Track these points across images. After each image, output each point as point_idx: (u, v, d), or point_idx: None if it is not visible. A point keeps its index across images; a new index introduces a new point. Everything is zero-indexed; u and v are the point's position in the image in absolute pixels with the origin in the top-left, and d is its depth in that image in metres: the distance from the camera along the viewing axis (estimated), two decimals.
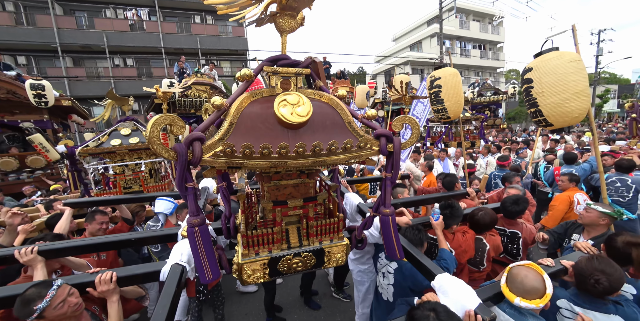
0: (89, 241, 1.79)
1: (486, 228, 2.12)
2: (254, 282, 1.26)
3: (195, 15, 18.72)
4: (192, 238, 1.03)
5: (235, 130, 1.02)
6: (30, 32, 14.64)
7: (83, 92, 15.40)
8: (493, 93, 13.32)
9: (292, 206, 1.31)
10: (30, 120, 6.61)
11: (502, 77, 28.26)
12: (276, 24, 1.19)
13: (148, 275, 1.39)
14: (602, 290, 1.34)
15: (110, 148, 3.21)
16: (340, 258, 1.39)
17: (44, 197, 4.63)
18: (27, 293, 1.19)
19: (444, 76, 3.04)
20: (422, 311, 1.07)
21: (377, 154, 1.19)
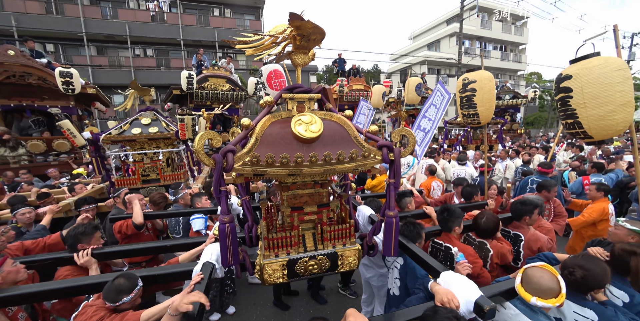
0: (130, 247, 2.07)
1: (489, 233, 2.14)
2: (274, 282, 1.43)
3: (214, 7, 18.93)
4: (222, 233, 1.22)
5: (259, 144, 1.26)
6: (58, 21, 15.28)
7: (105, 80, 15.98)
8: (512, 97, 12.91)
9: (308, 211, 1.50)
10: (58, 106, 6.99)
11: (523, 80, 27.22)
12: (292, 60, 1.47)
13: (182, 274, 1.56)
14: (573, 281, 1.40)
15: (131, 136, 3.40)
16: (353, 262, 1.55)
17: (69, 180, 4.94)
18: (120, 283, 1.38)
19: (480, 80, 2.89)
20: (447, 313, 1.14)
21: (380, 162, 1.38)
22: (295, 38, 1.38)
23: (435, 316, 1.15)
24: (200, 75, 9.12)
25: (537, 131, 23.61)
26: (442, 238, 2.07)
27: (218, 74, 9.25)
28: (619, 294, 1.54)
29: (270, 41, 1.36)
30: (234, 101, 9.71)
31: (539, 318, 1.30)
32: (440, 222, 2.11)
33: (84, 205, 2.77)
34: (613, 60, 1.82)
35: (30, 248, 2.17)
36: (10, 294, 1.39)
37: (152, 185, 3.59)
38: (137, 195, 2.57)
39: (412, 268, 1.73)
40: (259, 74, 5.48)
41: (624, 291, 1.54)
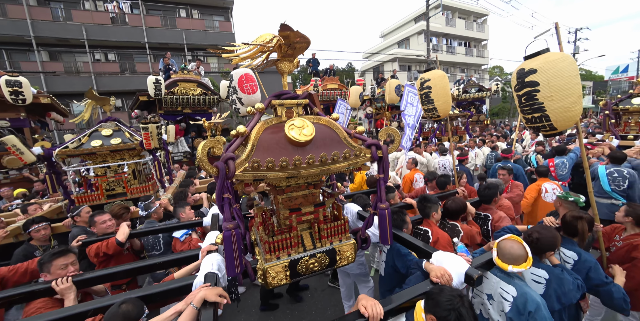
0: (117, 269, 1.84)
1: (456, 214, 2.36)
2: (278, 284, 1.46)
3: (181, 8, 18.14)
4: (227, 240, 1.23)
5: (256, 150, 1.30)
6: (1, 23, 13.83)
7: (62, 88, 14.77)
8: (477, 90, 13.71)
9: (305, 211, 1.56)
10: (6, 119, 6.34)
11: (487, 73, 28.96)
12: (278, 67, 1.52)
13: (181, 289, 1.50)
14: (529, 241, 1.66)
15: (91, 149, 3.17)
16: (350, 256, 1.63)
17: (24, 201, 4.52)
18: (128, 309, 1.26)
19: (433, 78, 3.20)
20: (451, 291, 1.25)
21: (369, 160, 1.48)
22: (281, 47, 1.43)
23: (441, 294, 1.25)
24: (169, 79, 8.72)
25: (505, 121, 25.27)
26: (424, 224, 2.26)
27: (188, 78, 8.90)
28: (569, 254, 1.83)
29: (256, 50, 1.40)
30: (207, 105, 9.39)
31: (515, 281, 1.52)
32: (420, 210, 2.29)
33: (32, 226, 2.51)
34: (567, 55, 1.90)
35: (6, 277, 1.88)
36: None
37: (118, 200, 3.37)
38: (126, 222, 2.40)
39: (397, 249, 1.89)
40: (230, 78, 5.36)
41: (573, 252, 1.83)
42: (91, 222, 2.41)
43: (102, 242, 2.22)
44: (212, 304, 1.25)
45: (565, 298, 1.60)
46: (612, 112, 5.74)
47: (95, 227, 2.39)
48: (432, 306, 1.23)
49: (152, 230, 2.49)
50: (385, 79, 13.00)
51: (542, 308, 1.41)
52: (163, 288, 1.50)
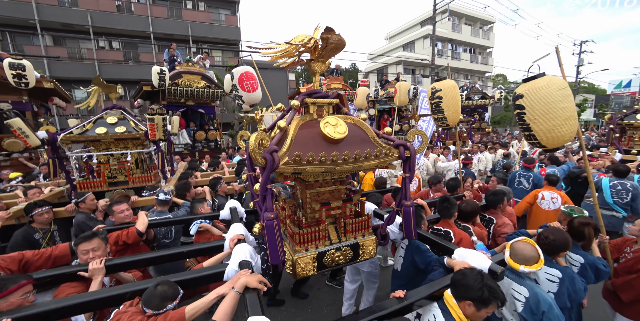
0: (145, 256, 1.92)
1: (469, 216, 2.46)
2: (305, 274, 1.54)
3: (187, 0, 18.04)
4: (270, 229, 1.30)
5: (294, 144, 1.39)
6: (5, 5, 13.67)
7: (64, 74, 14.66)
8: (480, 97, 13.79)
9: (334, 206, 1.64)
10: (8, 101, 6.31)
11: (490, 81, 29.13)
12: (311, 67, 1.60)
13: (214, 276, 1.56)
14: (545, 245, 1.77)
15: (95, 136, 3.19)
16: (372, 251, 1.73)
17: (23, 182, 4.52)
18: (164, 290, 1.34)
19: (445, 88, 3.32)
20: (472, 272, 1.36)
21: (397, 159, 1.56)
22: (316, 48, 1.49)
23: (465, 278, 1.33)
24: (174, 71, 8.69)
25: (503, 129, 25.46)
26: (441, 224, 2.34)
27: (192, 70, 8.87)
28: (575, 258, 1.96)
29: (293, 49, 1.47)
30: (210, 99, 9.38)
31: (526, 282, 1.60)
32: (441, 210, 2.37)
33: (35, 209, 2.51)
34: (555, 80, 2.06)
35: (31, 260, 1.90)
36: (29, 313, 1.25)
37: (119, 188, 3.40)
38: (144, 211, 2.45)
39: (417, 246, 1.97)
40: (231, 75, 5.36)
41: (579, 255, 1.96)
42: (109, 211, 2.45)
43: (122, 231, 2.23)
44: (253, 290, 1.31)
45: (576, 296, 1.71)
46: (616, 126, 5.87)
47: (114, 216, 2.43)
48: (463, 292, 1.31)
49: (168, 222, 2.57)
50: (390, 81, 13.04)
51: (554, 307, 1.49)
52: (196, 275, 1.54)
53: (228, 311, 1.24)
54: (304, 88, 6.43)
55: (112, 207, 2.46)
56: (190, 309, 1.29)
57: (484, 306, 1.27)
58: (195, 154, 9.06)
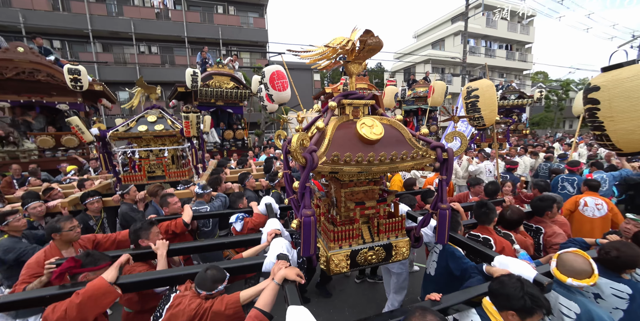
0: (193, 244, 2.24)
1: (513, 224, 2.32)
2: (339, 271, 1.58)
3: (218, 5, 18.94)
4: (307, 225, 1.36)
5: (331, 145, 1.42)
6: (65, 18, 15.39)
7: (110, 77, 16.13)
8: (517, 97, 12.81)
9: (368, 205, 1.66)
10: (66, 102, 7.11)
11: (528, 79, 26.95)
12: (347, 69, 1.63)
13: (253, 266, 1.69)
14: (608, 260, 1.60)
15: (138, 133, 3.48)
16: (406, 252, 1.73)
17: (77, 175, 5.07)
18: (214, 273, 1.51)
19: (481, 87, 3.24)
20: (510, 279, 1.28)
21: (434, 161, 1.53)
22: (353, 50, 1.52)
23: (503, 286, 1.27)
24: (205, 72, 9.18)
25: (543, 131, 23.40)
26: (479, 230, 2.22)
27: (222, 71, 9.31)
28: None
29: (331, 52, 1.52)
30: (238, 99, 9.77)
31: (576, 297, 1.45)
32: (480, 216, 2.25)
33: (88, 198, 2.87)
34: None
35: (101, 242, 2.26)
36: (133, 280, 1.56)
37: (157, 182, 3.67)
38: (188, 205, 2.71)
39: (451, 251, 1.92)
40: (261, 75, 5.54)
41: None
42: (164, 202, 2.68)
43: (171, 222, 2.46)
44: (291, 282, 1.41)
45: None
46: None
47: (168, 207, 2.66)
48: (504, 302, 1.25)
49: (210, 214, 2.79)
50: (417, 80, 12.60)
51: None
52: (237, 264, 1.69)
53: (269, 300, 1.35)
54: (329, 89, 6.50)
55: (166, 198, 2.68)
56: (244, 294, 1.46)
57: (528, 315, 1.19)
58: (224, 152, 9.48)
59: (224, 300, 1.45)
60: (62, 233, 2.04)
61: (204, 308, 1.42)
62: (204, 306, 1.43)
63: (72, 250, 2.14)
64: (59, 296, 1.41)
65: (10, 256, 2.19)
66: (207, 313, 1.41)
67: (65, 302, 1.37)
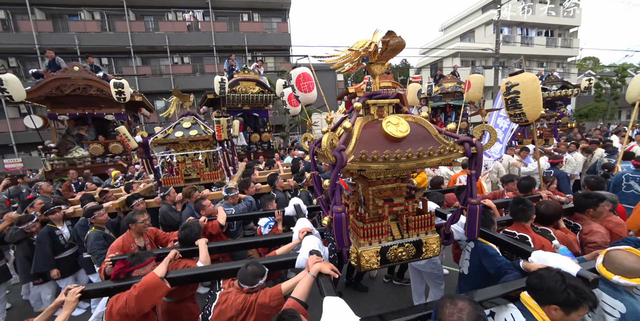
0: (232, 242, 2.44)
1: (548, 219, 2.22)
2: (370, 268, 1.61)
3: (244, 13, 19.75)
4: (339, 221, 1.40)
5: (359, 143, 1.46)
6: (111, 37, 17.14)
7: (148, 88, 17.56)
8: (560, 88, 11.59)
9: (397, 202, 1.69)
10: (112, 113, 7.89)
11: (574, 67, 24.25)
12: (370, 70, 1.65)
13: (286, 263, 1.77)
14: None
15: (175, 139, 3.72)
16: (436, 249, 1.74)
17: (124, 180, 5.57)
18: (254, 269, 1.60)
19: (522, 82, 3.07)
20: (549, 273, 1.23)
21: (462, 156, 1.52)
22: (375, 51, 1.56)
23: (543, 281, 1.21)
24: (232, 79, 9.59)
25: (594, 124, 20.83)
26: (515, 228, 2.14)
27: (248, 77, 9.65)
28: None
29: (354, 55, 1.57)
30: (263, 103, 10.06)
31: (623, 296, 1.35)
32: (516, 212, 2.16)
33: (134, 200, 3.16)
34: None
35: (159, 237, 2.62)
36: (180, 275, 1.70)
37: (193, 184, 3.89)
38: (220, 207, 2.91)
39: (484, 249, 1.87)
40: (287, 77, 5.64)
41: None
42: (199, 206, 2.86)
43: (208, 223, 2.63)
44: (326, 276, 1.48)
45: None
46: None
47: (204, 210, 2.83)
48: (546, 296, 1.18)
49: (240, 216, 2.93)
50: (445, 75, 12.01)
51: None
52: (272, 261, 1.76)
53: (305, 290, 1.44)
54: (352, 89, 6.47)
55: (200, 202, 2.85)
56: (285, 286, 1.56)
57: (573, 309, 1.13)
58: (251, 155, 9.80)
59: (267, 292, 1.54)
60: (136, 224, 2.42)
61: (249, 302, 1.51)
62: (250, 300, 1.52)
63: (141, 239, 2.51)
64: (121, 288, 1.61)
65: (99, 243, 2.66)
66: (253, 306, 1.50)
67: (126, 293, 1.55)
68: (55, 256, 2.93)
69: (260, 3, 19.40)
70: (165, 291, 1.58)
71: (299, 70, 5.10)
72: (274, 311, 1.50)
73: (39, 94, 6.94)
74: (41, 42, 15.87)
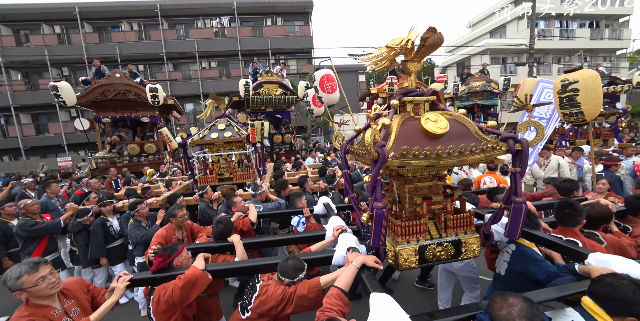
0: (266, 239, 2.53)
1: (597, 222, 2.14)
2: (408, 267, 1.59)
3: (267, 18, 20.30)
4: (379, 217, 1.40)
5: (397, 140, 1.46)
6: (146, 45, 18.46)
7: (179, 92, 18.62)
8: (607, 84, 10.53)
9: (435, 200, 1.66)
10: (147, 116, 8.44)
11: (625, 60, 21.95)
12: (406, 67, 1.65)
13: (322, 259, 1.80)
14: None
15: (211, 140, 3.89)
16: (477, 249, 1.68)
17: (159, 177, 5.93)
18: (295, 263, 1.66)
19: (582, 79, 2.93)
20: (620, 281, 1.11)
21: (506, 153, 1.45)
22: (412, 48, 1.55)
23: (615, 290, 1.09)
24: (256, 82, 9.86)
25: None
26: (560, 231, 2.07)
27: (271, 79, 9.86)
28: None
29: (389, 53, 1.57)
30: (286, 104, 10.23)
31: None
32: (562, 217, 2.08)
33: (177, 199, 3.35)
34: None
35: (194, 230, 2.82)
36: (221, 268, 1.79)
37: (226, 183, 4.04)
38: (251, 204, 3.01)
39: (530, 254, 1.80)
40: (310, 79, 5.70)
41: None
42: (231, 203, 2.96)
43: (239, 220, 2.72)
44: (369, 268, 1.51)
45: None
46: None
47: (235, 206, 2.92)
48: (621, 308, 1.06)
49: (269, 214, 2.99)
50: (472, 74, 11.47)
51: None
52: (309, 257, 1.80)
53: (348, 281, 1.45)
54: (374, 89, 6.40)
55: (232, 199, 2.95)
56: (325, 279, 1.59)
57: None
58: (273, 156, 9.99)
59: (306, 284, 1.58)
60: (176, 219, 2.61)
61: (289, 293, 1.57)
62: (289, 291, 1.58)
63: (180, 232, 2.71)
64: (166, 278, 1.72)
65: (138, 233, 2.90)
66: (292, 297, 1.55)
67: (171, 283, 1.65)
68: (107, 245, 3.22)
69: (283, 7, 19.83)
70: (208, 282, 1.66)
71: (323, 72, 5.16)
72: (312, 302, 1.53)
73: (87, 99, 7.64)
74: (89, 52, 17.50)
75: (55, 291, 1.50)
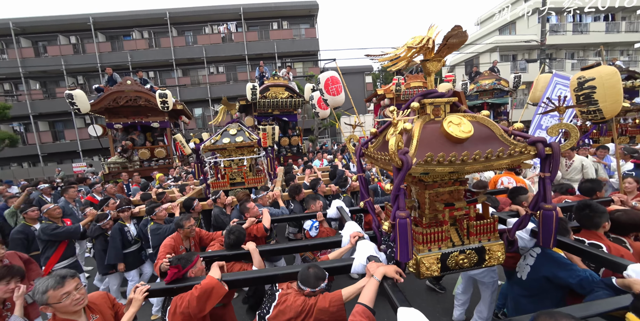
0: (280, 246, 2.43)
1: (628, 229, 2.03)
2: (430, 275, 1.52)
3: (273, 22, 20.50)
4: (403, 227, 1.33)
5: (420, 145, 1.38)
6: (156, 52, 18.93)
7: (188, 97, 18.97)
8: (625, 78, 10.11)
9: (458, 207, 1.59)
10: (157, 121, 8.60)
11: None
12: (425, 67, 1.57)
13: (341, 268, 1.76)
14: None
15: (223, 145, 3.91)
16: (501, 257, 1.60)
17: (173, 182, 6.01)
18: (316, 271, 1.60)
19: (600, 76, 2.83)
20: None
21: (534, 158, 1.37)
22: (433, 47, 1.48)
23: None
24: (263, 85, 9.90)
25: None
26: (583, 235, 2.00)
27: (278, 83, 9.88)
28: None
29: (407, 52, 1.50)
30: (292, 107, 10.23)
31: None
32: (583, 219, 2.02)
33: (193, 202, 3.40)
34: None
35: (203, 237, 2.79)
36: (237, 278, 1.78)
37: (238, 188, 4.05)
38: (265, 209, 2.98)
39: (557, 258, 1.75)
40: (315, 81, 5.67)
41: None
42: (244, 208, 2.93)
43: (253, 226, 2.67)
44: (390, 279, 1.46)
45: None
46: None
47: (248, 212, 2.88)
48: None
49: (279, 219, 2.92)
50: (481, 72, 11.24)
51: None
52: (328, 265, 1.74)
53: (372, 296, 1.40)
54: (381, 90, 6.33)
55: (245, 205, 2.92)
56: (346, 291, 1.54)
57: None
58: (280, 158, 9.98)
59: (327, 297, 1.52)
60: (184, 230, 2.58)
61: (309, 305, 1.51)
62: (309, 303, 1.52)
63: (188, 242, 2.68)
64: (183, 288, 1.70)
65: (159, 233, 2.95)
66: (312, 310, 1.49)
67: (188, 294, 1.61)
68: (123, 250, 3.26)
69: (289, 10, 20.00)
70: (224, 292, 1.63)
71: (327, 74, 5.12)
72: (332, 317, 1.47)
73: (100, 106, 7.85)
74: (102, 60, 18.07)
75: (79, 308, 1.49)
